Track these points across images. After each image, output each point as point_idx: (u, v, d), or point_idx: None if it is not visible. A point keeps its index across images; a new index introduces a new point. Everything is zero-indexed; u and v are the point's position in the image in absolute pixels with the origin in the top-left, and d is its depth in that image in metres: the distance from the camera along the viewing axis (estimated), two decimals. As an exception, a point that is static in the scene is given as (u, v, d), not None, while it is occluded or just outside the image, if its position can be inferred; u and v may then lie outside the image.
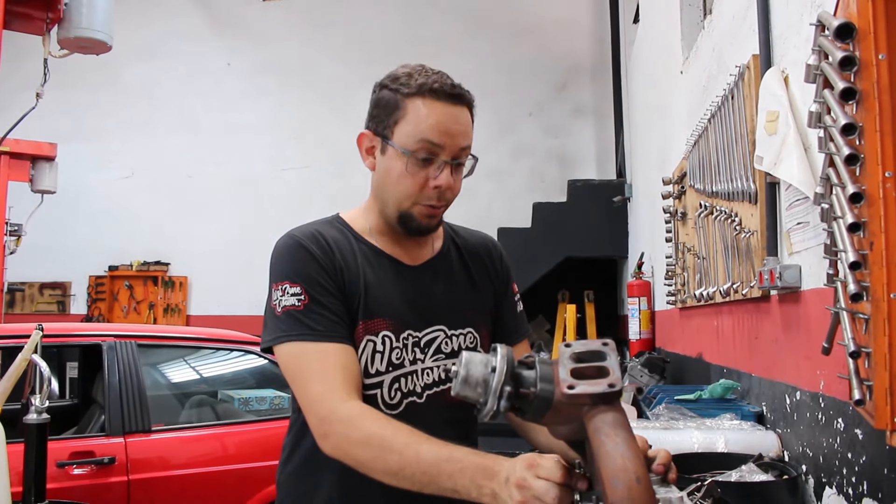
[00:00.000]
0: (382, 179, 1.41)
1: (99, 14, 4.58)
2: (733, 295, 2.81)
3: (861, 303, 1.23)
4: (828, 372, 1.85)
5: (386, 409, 1.38)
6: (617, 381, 0.94)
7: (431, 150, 1.35)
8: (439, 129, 1.35)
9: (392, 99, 1.38)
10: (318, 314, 1.33)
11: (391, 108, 1.38)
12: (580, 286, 7.26)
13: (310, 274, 1.36)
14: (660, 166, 4.82)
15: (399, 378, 1.40)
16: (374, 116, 1.42)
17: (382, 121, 1.39)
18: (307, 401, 1.29)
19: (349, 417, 1.24)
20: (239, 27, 9.89)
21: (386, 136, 1.38)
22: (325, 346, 1.31)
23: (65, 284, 9.74)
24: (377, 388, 1.39)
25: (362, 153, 1.45)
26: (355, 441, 1.22)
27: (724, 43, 3.04)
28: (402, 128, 1.36)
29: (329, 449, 1.25)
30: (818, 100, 1.41)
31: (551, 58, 9.17)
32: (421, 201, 1.38)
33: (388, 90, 1.39)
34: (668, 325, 4.92)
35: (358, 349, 1.37)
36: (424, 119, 1.35)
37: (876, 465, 1.57)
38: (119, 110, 9.64)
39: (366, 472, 1.21)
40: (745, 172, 2.56)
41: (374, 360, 1.38)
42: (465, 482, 1.11)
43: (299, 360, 1.31)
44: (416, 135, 1.35)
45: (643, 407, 3.15)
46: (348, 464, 1.24)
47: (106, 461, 3.39)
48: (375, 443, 1.21)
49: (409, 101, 1.36)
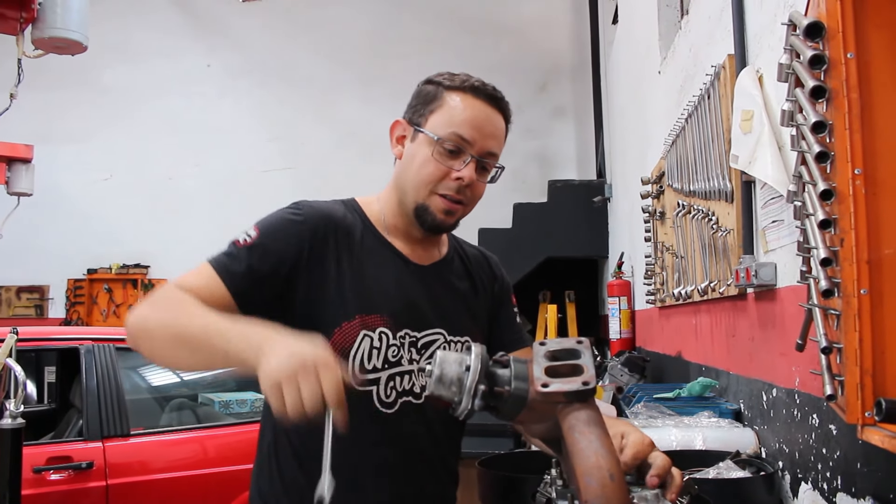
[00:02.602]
0: (406, 165, 1.41)
1: (74, 14, 4.54)
2: (711, 293, 2.83)
3: (832, 299, 1.24)
4: (802, 368, 1.87)
5: (381, 408, 1.36)
6: (591, 379, 0.94)
7: (460, 143, 1.36)
8: (472, 124, 1.37)
9: (433, 91, 1.41)
10: (248, 262, 1.30)
11: (430, 99, 1.40)
12: (561, 286, 7.29)
13: (278, 223, 1.36)
14: (639, 166, 4.85)
15: (395, 376, 1.38)
16: (412, 107, 1.44)
17: (419, 110, 1.41)
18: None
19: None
20: (218, 28, 9.83)
21: (419, 124, 1.40)
22: (224, 290, 1.28)
23: (42, 288, 9.63)
24: (373, 384, 1.37)
25: (392, 141, 1.46)
26: (146, 305, 1.25)
27: (701, 43, 3.06)
28: (437, 117, 1.38)
29: (127, 332, 1.25)
30: (790, 98, 1.42)
31: (531, 59, 9.20)
32: (439, 190, 1.38)
33: (432, 84, 1.42)
34: (647, 325, 4.95)
35: (354, 344, 1.34)
36: (460, 112, 1.37)
37: (849, 459, 1.58)
38: (97, 111, 9.54)
39: (151, 340, 1.23)
40: (722, 171, 2.58)
41: (371, 356, 1.36)
42: (239, 338, 1.11)
43: (197, 278, 1.29)
44: (449, 125, 1.36)
45: (623, 406, 3.16)
46: (143, 345, 1.24)
47: (84, 466, 3.35)
48: (161, 300, 1.25)
49: (449, 94, 1.39)
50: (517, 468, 2.05)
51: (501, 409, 0.99)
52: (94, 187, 9.49)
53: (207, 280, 1.28)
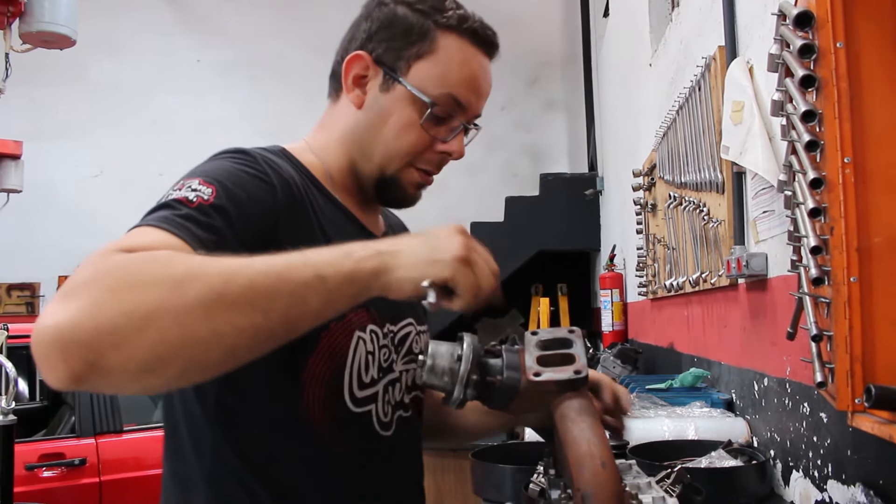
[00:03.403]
0: (374, 125, 1.08)
1: (62, 8, 4.52)
2: (702, 284, 2.84)
3: (823, 287, 1.25)
4: (793, 358, 1.88)
5: (381, 430, 1.10)
6: (583, 368, 0.95)
7: (454, 108, 1.08)
8: (471, 86, 1.08)
9: (419, 24, 1.06)
10: (215, 226, 0.88)
11: (414, 36, 1.06)
12: (553, 279, 7.30)
13: (239, 181, 0.95)
14: (630, 159, 4.86)
15: (389, 387, 1.11)
16: (381, 39, 1.08)
17: (397, 48, 1.06)
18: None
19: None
20: (208, 23, 9.79)
21: (396, 69, 1.06)
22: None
23: (33, 285, 9.58)
24: (372, 402, 1.08)
25: (346, 82, 1.10)
26: (128, 267, 0.75)
27: (692, 35, 3.07)
28: (427, 67, 1.06)
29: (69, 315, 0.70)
30: (780, 88, 1.43)
31: (522, 52, 9.19)
32: (419, 164, 1.10)
33: (413, 11, 1.07)
34: (640, 317, 4.97)
35: (349, 351, 1.04)
36: (458, 67, 1.07)
37: (840, 447, 1.60)
38: (86, 107, 9.48)
39: (155, 333, 0.71)
40: (713, 163, 2.59)
41: (368, 364, 1.06)
42: (334, 255, 0.82)
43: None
44: (444, 83, 1.06)
45: (616, 397, 3.17)
46: (132, 350, 0.70)
47: (77, 463, 3.36)
48: (164, 259, 0.77)
49: (444, 36, 1.07)
50: (510, 459, 2.06)
51: (493, 398, 1.00)
52: (85, 184, 9.44)
53: (164, 243, 0.82)
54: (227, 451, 0.99)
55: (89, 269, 0.78)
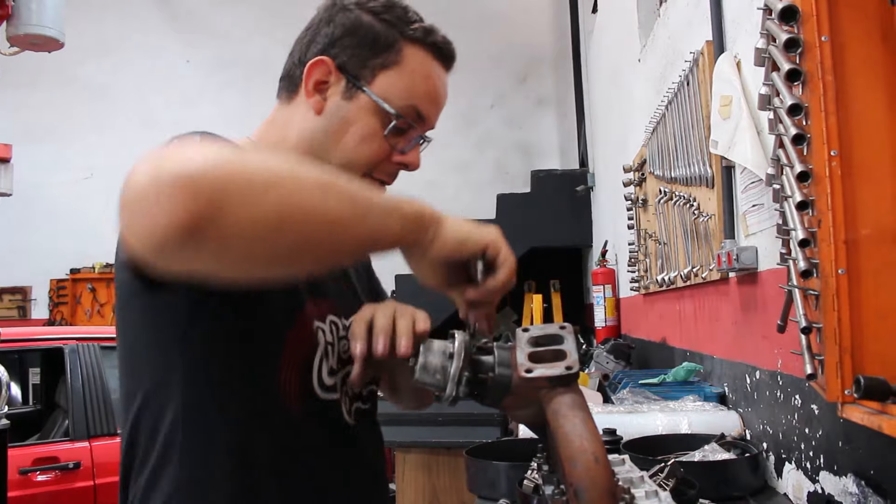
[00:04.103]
0: (335, 132, 1.06)
1: (49, 10, 4.49)
2: (693, 279, 2.85)
3: (811, 279, 1.26)
4: (784, 350, 1.89)
5: (349, 419, 1.10)
6: (574, 364, 0.95)
7: (414, 120, 1.07)
8: (432, 98, 1.09)
9: (385, 34, 1.06)
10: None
11: (380, 46, 1.06)
12: (546, 276, 7.30)
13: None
14: (620, 154, 4.87)
15: (346, 378, 1.10)
16: (345, 46, 1.06)
17: (362, 57, 1.05)
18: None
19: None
20: (197, 23, 9.76)
21: (360, 78, 1.05)
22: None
23: (25, 289, 9.55)
24: (336, 391, 1.08)
25: (307, 86, 1.07)
26: (236, 160, 0.71)
27: (680, 30, 3.07)
28: (392, 78, 1.05)
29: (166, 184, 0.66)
30: (767, 82, 1.43)
31: (512, 49, 9.21)
32: (375, 174, 1.08)
33: (380, 20, 1.06)
34: (632, 312, 4.98)
35: (316, 344, 1.05)
36: (422, 80, 1.07)
37: (831, 438, 1.61)
38: (76, 110, 9.46)
39: (245, 209, 0.69)
40: (702, 157, 2.60)
41: (329, 357, 1.07)
42: (409, 206, 0.87)
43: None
44: (408, 95, 1.06)
45: (609, 392, 3.19)
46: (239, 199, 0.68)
47: (71, 466, 3.35)
48: (274, 160, 0.77)
49: (410, 49, 1.07)
50: (504, 456, 2.06)
51: (486, 395, 1.00)
52: (75, 186, 9.41)
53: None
54: (200, 444, 0.97)
55: (188, 139, 0.80)
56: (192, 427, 0.97)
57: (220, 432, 0.98)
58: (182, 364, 0.97)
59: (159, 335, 0.97)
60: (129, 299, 0.99)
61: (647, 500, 1.07)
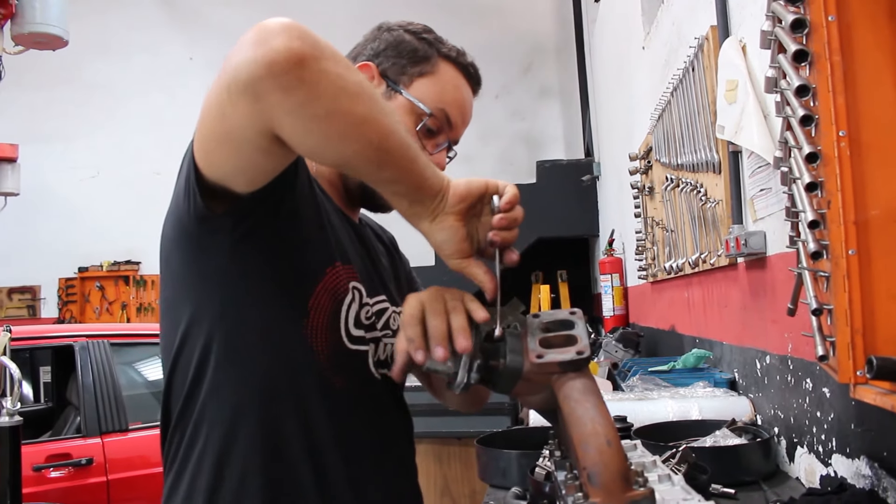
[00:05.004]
0: None
1: (53, 8, 4.51)
2: (702, 265, 2.85)
3: (821, 261, 1.25)
4: (794, 334, 1.89)
5: (375, 372, 1.18)
6: (585, 349, 0.95)
7: (444, 124, 1.21)
8: (460, 108, 1.23)
9: (423, 50, 1.22)
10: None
11: (419, 58, 1.21)
12: (553, 266, 7.30)
13: None
14: (626, 143, 4.85)
15: (372, 343, 1.18)
16: (388, 56, 1.22)
17: (402, 65, 1.21)
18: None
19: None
20: (199, 19, 9.76)
21: (397, 82, 1.20)
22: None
23: (34, 288, 9.60)
24: (365, 345, 1.16)
25: None
26: (340, 61, 0.87)
27: (683, 16, 3.06)
28: (427, 84, 1.20)
29: (291, 49, 0.82)
30: (773, 65, 1.42)
31: (515, 39, 9.18)
32: None
33: (419, 39, 1.23)
34: (640, 300, 4.98)
35: (347, 292, 1.13)
36: (452, 90, 1.22)
37: (843, 421, 1.60)
38: (81, 109, 9.48)
39: (332, 95, 0.84)
40: (709, 143, 2.59)
41: (358, 315, 1.15)
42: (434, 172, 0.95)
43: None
44: (439, 100, 1.19)
45: (618, 380, 3.19)
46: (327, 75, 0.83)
47: (83, 462, 3.37)
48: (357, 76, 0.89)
49: (444, 64, 1.22)
50: (515, 445, 2.07)
51: (497, 382, 1.00)
52: (82, 185, 9.44)
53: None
54: (228, 391, 1.05)
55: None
56: (224, 362, 1.05)
57: (249, 370, 1.05)
58: (220, 298, 1.05)
59: (201, 269, 1.05)
60: (172, 251, 1.07)
61: (661, 483, 1.07)
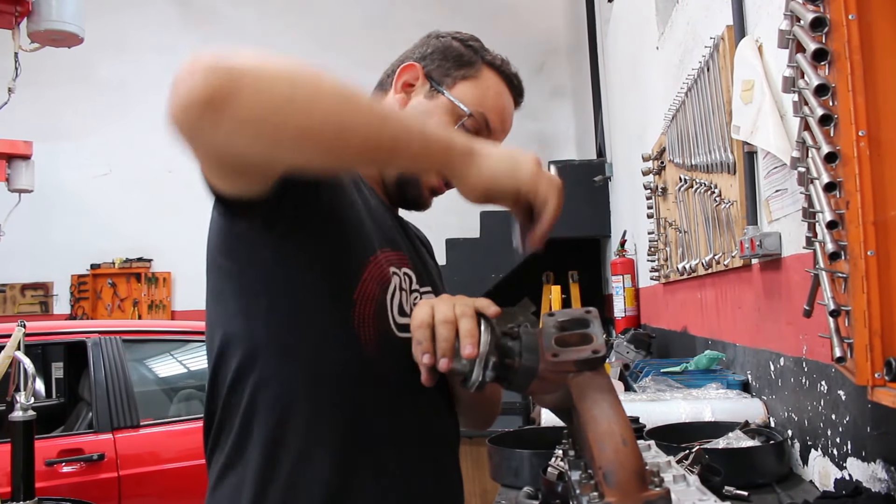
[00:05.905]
0: None
1: (69, 6, 4.54)
2: (715, 266, 2.83)
3: (839, 262, 1.24)
4: (810, 336, 1.87)
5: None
6: (601, 348, 0.95)
7: (482, 127, 1.23)
8: (500, 115, 1.25)
9: (469, 56, 1.25)
10: None
11: (464, 63, 1.24)
12: (564, 267, 7.27)
13: None
14: (639, 143, 4.84)
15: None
16: (435, 60, 1.25)
17: (446, 68, 1.24)
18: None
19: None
20: (212, 18, 9.78)
21: (441, 84, 1.23)
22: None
23: (47, 285, 9.64)
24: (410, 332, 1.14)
25: (396, 85, 1.25)
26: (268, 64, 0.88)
27: (698, 16, 3.04)
28: (469, 87, 1.23)
29: (207, 73, 0.81)
30: (791, 64, 1.41)
31: (527, 40, 9.15)
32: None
33: (465, 46, 1.26)
34: (652, 301, 4.96)
35: (390, 282, 1.13)
36: (493, 95, 1.25)
37: (859, 423, 1.59)
38: (95, 107, 9.51)
39: (278, 113, 0.84)
40: (723, 143, 2.58)
41: (402, 302, 1.15)
42: (438, 127, 1.00)
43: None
44: (480, 104, 1.22)
45: (630, 381, 3.17)
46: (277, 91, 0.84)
47: (95, 458, 3.38)
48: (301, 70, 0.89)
49: (487, 70, 1.25)
50: (527, 445, 2.06)
51: (512, 380, 1.00)
52: (95, 182, 9.48)
53: None
54: (276, 383, 1.07)
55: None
56: (271, 356, 1.06)
57: (298, 363, 1.06)
58: (266, 292, 1.06)
59: (248, 263, 1.06)
60: (219, 245, 1.09)
61: (675, 484, 1.06)
